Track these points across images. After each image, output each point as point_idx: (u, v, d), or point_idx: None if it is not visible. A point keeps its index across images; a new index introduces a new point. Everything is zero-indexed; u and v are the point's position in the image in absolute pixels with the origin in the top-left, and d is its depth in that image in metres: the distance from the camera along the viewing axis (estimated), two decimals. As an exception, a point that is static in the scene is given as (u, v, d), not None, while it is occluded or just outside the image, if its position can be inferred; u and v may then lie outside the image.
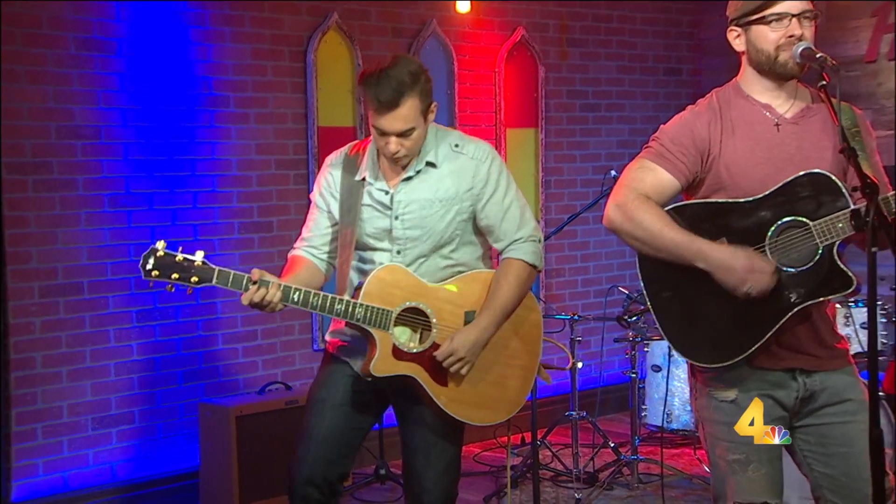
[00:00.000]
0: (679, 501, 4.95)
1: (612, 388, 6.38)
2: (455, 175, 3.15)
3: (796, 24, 2.71)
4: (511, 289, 3.17)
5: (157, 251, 2.91)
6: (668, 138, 2.84)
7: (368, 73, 3.07)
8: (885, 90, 6.45)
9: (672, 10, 7.06)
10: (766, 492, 2.79)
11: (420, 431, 3.19)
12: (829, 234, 2.67)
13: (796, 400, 2.80)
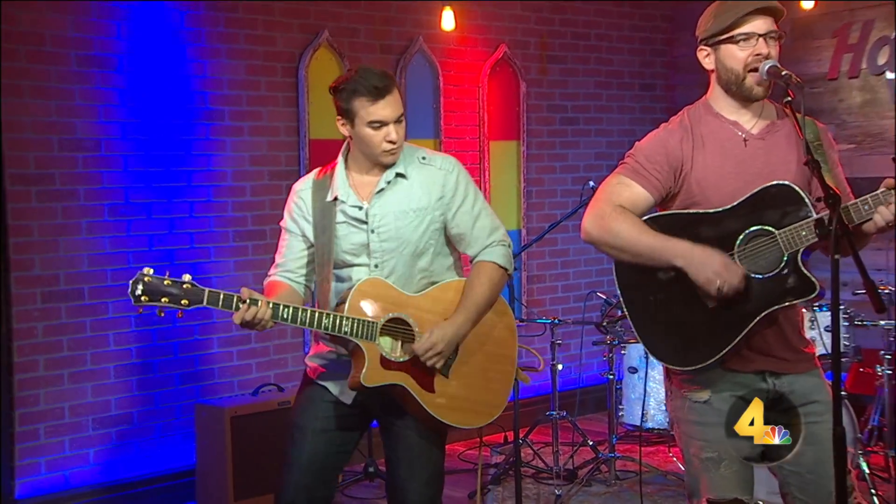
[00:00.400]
0: (655, 497, 4.97)
1: (591, 389, 6.40)
2: (425, 185, 3.15)
3: (763, 43, 2.74)
4: (484, 289, 3.15)
5: (145, 277, 2.84)
6: (643, 155, 2.85)
7: (349, 74, 3.09)
8: (845, 106, 6.52)
9: (646, 29, 7.13)
10: (737, 488, 2.80)
11: (404, 443, 3.17)
12: (793, 243, 2.68)
13: (766, 401, 2.79)
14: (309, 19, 5.53)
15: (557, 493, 4.91)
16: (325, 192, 3.13)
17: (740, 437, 2.78)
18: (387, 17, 5.86)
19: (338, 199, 3.11)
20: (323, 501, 3.17)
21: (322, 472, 3.14)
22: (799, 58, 6.56)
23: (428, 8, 5.91)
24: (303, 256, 3.18)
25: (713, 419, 2.79)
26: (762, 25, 2.73)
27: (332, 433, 3.14)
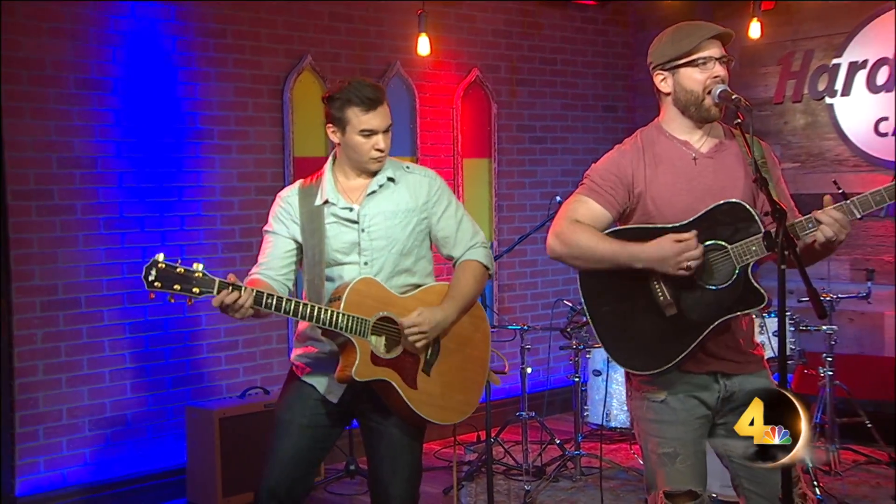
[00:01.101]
0: (617, 491, 4.99)
1: (558, 391, 6.44)
2: (411, 189, 3.17)
3: (719, 66, 2.76)
4: (470, 284, 3.18)
5: (159, 263, 2.74)
6: (598, 175, 2.86)
7: (343, 85, 3.07)
8: (790, 128, 6.62)
9: (608, 55, 7.16)
10: (691, 481, 2.82)
11: (386, 441, 3.15)
12: (744, 256, 2.70)
13: (718, 400, 2.83)
14: (293, 45, 5.54)
15: (527, 488, 4.92)
16: (312, 198, 3.13)
17: (694, 434, 2.82)
18: (366, 43, 5.87)
19: (328, 202, 3.11)
20: (301, 492, 3.18)
21: (303, 466, 3.14)
22: (747, 83, 6.65)
23: (405, 34, 5.92)
24: (287, 256, 3.15)
25: (669, 417, 2.82)
26: (717, 50, 2.77)
27: (316, 429, 3.13)
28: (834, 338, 5.15)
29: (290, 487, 3.12)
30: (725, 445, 2.84)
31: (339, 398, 3.10)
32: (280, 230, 3.15)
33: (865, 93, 6.26)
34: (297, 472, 3.12)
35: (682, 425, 2.82)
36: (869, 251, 6.28)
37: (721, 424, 2.85)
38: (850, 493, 4.82)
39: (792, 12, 6.53)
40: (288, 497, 3.11)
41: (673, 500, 2.81)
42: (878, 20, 6.19)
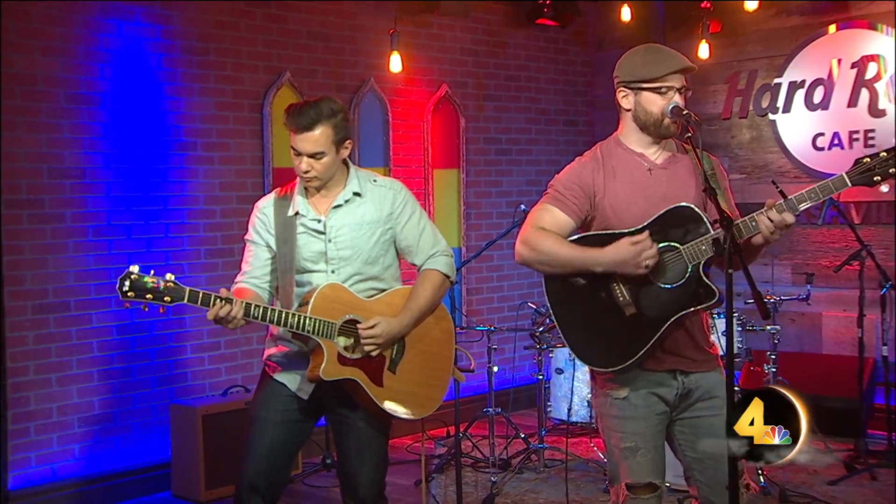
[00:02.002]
0: (578, 482, 5.01)
1: (523, 388, 6.44)
2: (377, 202, 3.17)
3: (678, 95, 2.81)
4: (427, 294, 3.18)
5: (132, 274, 2.80)
6: (561, 185, 2.88)
7: (294, 104, 3.09)
8: (737, 142, 6.76)
9: (569, 73, 7.22)
10: (651, 473, 2.84)
11: (353, 435, 3.15)
12: (695, 256, 2.72)
13: (676, 396, 2.85)
14: (272, 62, 5.55)
15: (493, 480, 4.93)
16: (286, 209, 3.14)
17: (654, 429, 2.85)
18: (341, 60, 5.89)
19: (298, 214, 3.12)
20: (279, 485, 3.19)
21: (279, 460, 3.14)
22: (697, 100, 6.71)
23: (378, 52, 5.95)
24: (266, 265, 3.16)
25: (631, 413, 2.84)
26: (679, 82, 2.82)
27: (290, 425, 3.14)
28: (777, 337, 5.20)
29: (269, 480, 3.12)
30: (680, 440, 2.89)
31: (309, 395, 3.11)
32: (258, 240, 3.17)
33: (804, 110, 6.41)
34: (274, 466, 3.13)
35: (643, 421, 2.84)
36: (808, 256, 6.39)
37: (677, 420, 2.88)
38: (791, 480, 4.90)
39: (737, 35, 6.66)
40: (268, 490, 3.12)
41: (634, 492, 2.84)
42: (813, 44, 6.35)
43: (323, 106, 3.02)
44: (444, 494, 4.86)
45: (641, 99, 2.83)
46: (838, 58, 6.24)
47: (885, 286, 5.22)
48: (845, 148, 6.23)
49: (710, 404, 2.84)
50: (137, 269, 2.81)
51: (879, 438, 5.44)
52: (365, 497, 3.16)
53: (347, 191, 3.14)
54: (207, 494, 4.84)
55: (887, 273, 5.23)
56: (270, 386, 3.16)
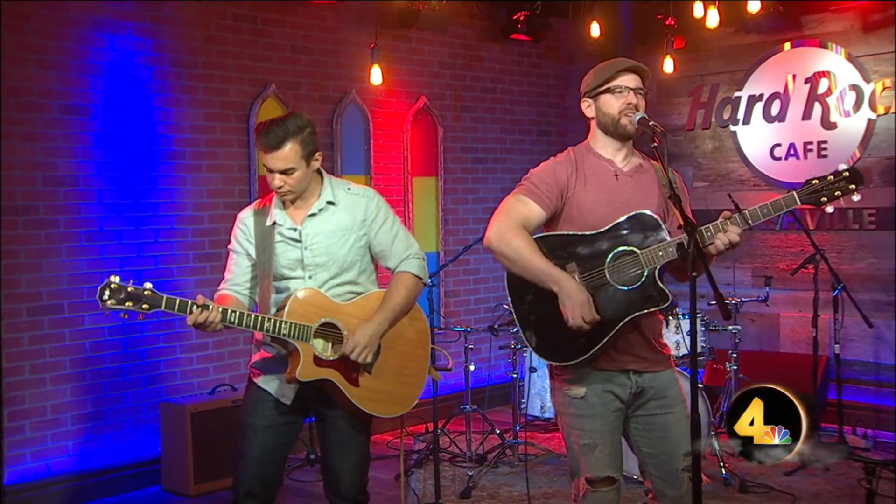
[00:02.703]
0: (550, 475, 5.07)
1: (498, 386, 6.44)
2: (350, 210, 3.17)
3: (632, 95, 2.86)
4: (401, 294, 3.18)
5: (112, 284, 2.80)
6: (538, 179, 2.89)
7: (262, 123, 3.08)
8: (700, 151, 6.84)
9: (542, 86, 7.25)
10: (609, 467, 2.87)
11: (335, 432, 3.16)
12: (652, 261, 2.77)
13: (630, 395, 2.88)
14: (258, 74, 5.56)
15: (470, 474, 4.94)
16: (265, 219, 3.15)
17: (610, 426, 2.88)
18: (324, 73, 5.89)
19: (276, 224, 3.13)
20: (273, 486, 3.18)
21: (271, 462, 3.15)
22: (663, 112, 6.83)
23: (359, 65, 5.96)
24: (247, 272, 3.16)
25: (588, 412, 2.87)
26: (632, 81, 2.88)
27: (277, 428, 3.14)
28: (738, 336, 5.27)
29: (263, 483, 3.14)
30: (635, 436, 2.93)
31: (291, 399, 3.12)
32: (239, 249, 3.19)
33: (762, 122, 6.49)
34: (266, 469, 3.14)
35: (600, 418, 2.87)
36: (767, 260, 6.46)
37: (632, 417, 2.92)
38: (751, 472, 4.93)
39: (700, 51, 6.73)
40: (262, 492, 3.13)
41: (594, 486, 2.87)
42: (769, 60, 6.44)
43: (289, 123, 3.02)
44: (423, 488, 4.86)
45: (600, 103, 2.90)
46: (793, 73, 6.33)
47: (837, 288, 5.32)
48: (801, 158, 6.31)
49: (662, 402, 2.88)
50: (118, 279, 2.82)
51: (831, 431, 5.51)
52: (347, 493, 3.17)
53: (321, 200, 3.15)
54: (196, 489, 4.85)
55: (839, 276, 5.33)
56: (255, 392, 3.16)
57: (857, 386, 6.01)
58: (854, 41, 6.08)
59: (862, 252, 6.12)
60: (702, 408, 4.48)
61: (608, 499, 2.87)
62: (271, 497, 3.17)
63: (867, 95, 6.02)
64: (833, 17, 6.14)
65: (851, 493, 4.68)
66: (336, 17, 5.92)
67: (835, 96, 6.15)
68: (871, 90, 6.00)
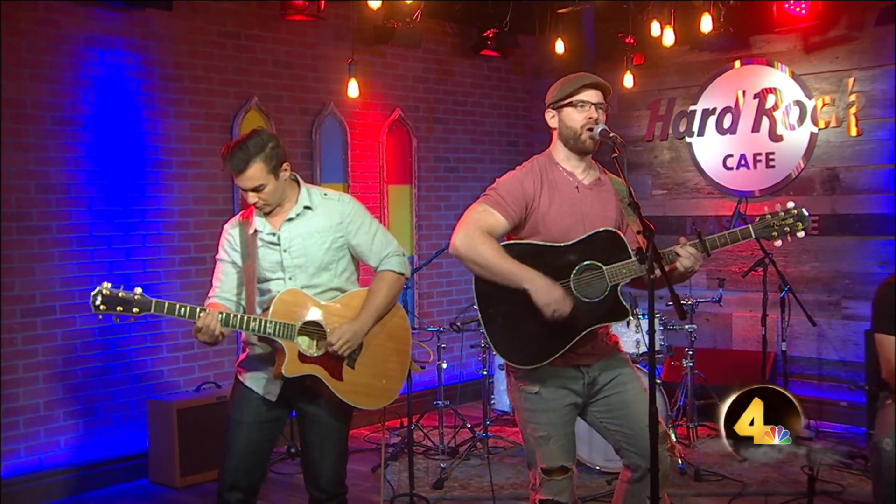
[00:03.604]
0: (518, 466, 5.07)
1: (470, 383, 6.50)
2: (326, 213, 3.19)
3: (594, 110, 2.88)
4: (384, 293, 3.20)
5: (103, 290, 2.82)
6: (504, 190, 2.89)
7: (226, 147, 3.09)
8: (658, 161, 6.91)
9: (511, 99, 7.30)
10: (562, 457, 2.92)
11: (315, 428, 3.17)
12: (615, 277, 2.81)
13: (584, 386, 2.93)
14: (241, 87, 5.59)
15: (443, 466, 4.99)
16: (248, 229, 3.17)
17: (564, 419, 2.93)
18: (304, 86, 5.92)
19: (258, 232, 3.15)
20: (258, 479, 3.20)
21: (256, 457, 3.16)
22: (623, 124, 6.92)
23: (337, 79, 5.98)
24: (234, 279, 3.17)
25: (543, 406, 2.90)
26: (594, 96, 2.90)
27: (262, 424, 3.15)
28: (694, 335, 5.36)
29: (248, 476, 3.16)
30: (600, 419, 2.98)
31: (276, 396, 3.14)
32: (226, 258, 3.19)
33: (715, 134, 6.58)
34: (251, 463, 3.15)
35: (553, 412, 2.90)
36: (720, 263, 6.52)
37: (592, 404, 2.97)
38: (704, 461, 5.03)
39: (657, 67, 6.83)
40: (248, 486, 3.15)
41: (549, 475, 2.91)
42: (721, 77, 6.56)
43: (250, 144, 3.02)
44: (399, 480, 4.88)
45: (563, 116, 2.92)
46: (743, 89, 6.42)
47: (783, 289, 5.35)
48: (751, 168, 6.41)
49: (615, 382, 2.94)
50: (109, 286, 2.86)
51: None
52: (326, 486, 3.19)
53: (299, 205, 3.17)
54: (182, 481, 4.89)
55: (786, 278, 5.37)
56: (241, 391, 3.18)
57: (801, 380, 6.13)
58: (797, 61, 6.20)
59: (806, 256, 6.23)
60: (660, 402, 4.70)
61: (562, 486, 2.91)
62: (255, 489, 3.19)
63: (810, 111, 6.14)
64: (778, 39, 6.25)
65: (795, 478, 4.74)
66: (315, 33, 5.97)
67: (781, 111, 6.26)
68: (812, 106, 6.13)
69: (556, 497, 2.91)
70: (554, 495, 2.91)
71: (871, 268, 5.98)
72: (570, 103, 2.89)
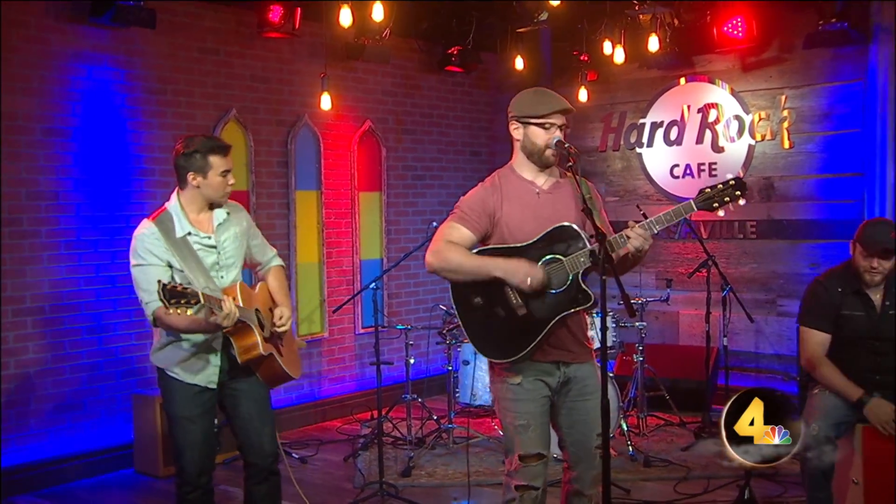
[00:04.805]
0: (481, 455, 5.16)
1: (435, 378, 6.53)
2: (238, 220, 3.35)
3: (558, 131, 2.93)
4: (286, 283, 3.53)
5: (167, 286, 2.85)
6: (467, 206, 2.97)
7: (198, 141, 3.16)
8: (611, 170, 7.06)
9: (474, 111, 7.40)
10: (539, 445, 2.97)
11: (254, 403, 3.28)
12: (575, 266, 2.84)
13: (558, 383, 2.98)
14: (221, 100, 5.64)
15: (410, 455, 5.03)
16: (171, 231, 3.15)
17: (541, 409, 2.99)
18: (280, 99, 5.97)
19: (190, 234, 3.19)
20: (212, 470, 3.33)
21: (211, 441, 3.30)
22: (578, 135, 7.05)
23: (311, 92, 6.02)
24: (168, 279, 3.09)
25: (523, 397, 2.95)
26: (560, 119, 2.94)
27: (208, 412, 3.26)
28: (644, 332, 5.45)
29: (209, 459, 3.30)
30: (559, 418, 3.05)
31: (216, 383, 3.23)
32: (155, 261, 3.12)
33: (663, 145, 6.75)
34: (209, 448, 3.28)
35: (532, 402, 2.95)
36: (668, 265, 6.71)
37: (558, 402, 3.02)
38: (653, 448, 5.17)
39: (610, 83, 6.98)
40: (210, 467, 3.29)
41: (525, 461, 2.96)
42: (668, 92, 6.73)
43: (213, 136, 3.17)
44: (369, 468, 4.92)
45: (529, 132, 2.94)
46: (687, 104, 6.61)
47: (725, 289, 5.44)
48: (695, 177, 6.59)
49: (583, 390, 3.00)
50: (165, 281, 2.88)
51: (720, 412, 5.32)
52: (271, 450, 3.32)
53: (221, 211, 3.29)
54: (165, 470, 4.94)
55: (727, 278, 5.48)
56: (179, 387, 3.21)
57: (741, 372, 6.27)
58: (736, 79, 6.40)
59: (745, 258, 6.41)
60: (612, 394, 4.82)
61: (537, 472, 2.97)
62: (210, 480, 3.31)
63: (748, 125, 6.34)
64: (718, 58, 6.45)
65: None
66: (290, 49, 6.01)
67: (722, 124, 6.44)
68: (750, 120, 6.33)
69: (531, 482, 2.96)
70: (529, 480, 2.96)
71: (802, 269, 6.17)
72: (541, 124, 2.91)
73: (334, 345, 6.41)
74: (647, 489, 4.59)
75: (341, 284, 6.42)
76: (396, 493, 4.48)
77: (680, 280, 6.42)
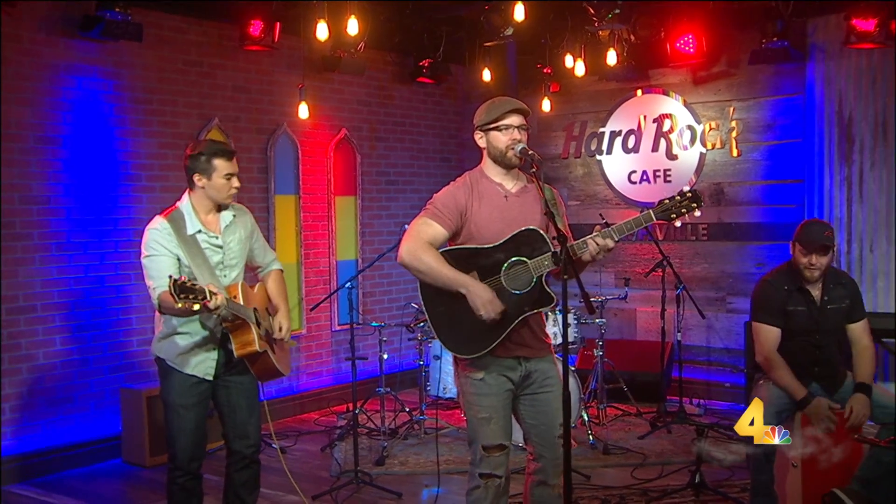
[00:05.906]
0: (451, 444, 5.21)
1: (408, 372, 6.61)
2: (243, 223, 3.40)
3: (517, 132, 2.95)
4: (284, 288, 3.57)
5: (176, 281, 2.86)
6: (440, 203, 2.98)
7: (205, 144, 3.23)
8: (573, 176, 7.16)
9: (444, 120, 7.47)
10: (501, 437, 3.00)
11: (244, 395, 3.34)
12: (539, 268, 2.87)
13: (520, 378, 3.01)
14: (203, 109, 5.70)
15: (384, 444, 5.08)
16: (181, 228, 3.20)
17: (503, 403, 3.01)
18: (260, 109, 6.03)
19: (201, 232, 3.24)
20: (202, 458, 3.40)
21: (202, 429, 3.34)
22: (542, 143, 7.18)
23: (290, 102, 6.09)
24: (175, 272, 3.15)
25: (485, 391, 2.98)
26: (517, 120, 2.96)
27: (202, 402, 3.32)
28: (603, 328, 5.53)
29: (201, 447, 3.36)
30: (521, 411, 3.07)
31: (213, 375, 3.28)
32: (165, 252, 3.17)
33: (622, 153, 6.88)
34: (200, 435, 3.34)
35: (495, 397, 2.97)
36: (626, 265, 6.83)
37: (520, 396, 3.05)
38: (612, 437, 5.27)
39: (571, 94, 7.10)
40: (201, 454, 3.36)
41: (489, 452, 2.99)
42: (626, 103, 6.86)
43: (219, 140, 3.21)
44: (345, 458, 4.96)
45: (490, 137, 2.98)
46: (644, 114, 6.73)
47: (679, 288, 5.57)
48: (651, 183, 6.73)
49: (544, 384, 3.03)
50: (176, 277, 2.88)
51: (674, 402, 5.84)
52: (257, 440, 3.42)
53: (228, 213, 3.34)
54: (151, 460, 5.02)
55: (681, 278, 5.60)
56: (178, 378, 3.26)
57: (693, 365, 6.43)
58: (688, 91, 6.57)
59: (697, 258, 6.57)
60: (573, 386, 4.90)
61: (500, 462, 3.00)
62: (200, 467, 3.38)
63: (699, 134, 6.51)
64: (672, 72, 6.59)
65: (687, 449, 5.01)
66: (270, 61, 6.06)
67: (676, 134, 6.59)
68: (701, 130, 6.51)
69: (494, 471, 2.99)
70: (492, 469, 2.99)
71: (749, 268, 6.35)
72: (496, 127, 2.96)
73: (312, 341, 6.47)
74: (606, 475, 4.66)
75: (318, 284, 6.50)
76: (371, 481, 4.53)
77: (637, 279, 6.52)
